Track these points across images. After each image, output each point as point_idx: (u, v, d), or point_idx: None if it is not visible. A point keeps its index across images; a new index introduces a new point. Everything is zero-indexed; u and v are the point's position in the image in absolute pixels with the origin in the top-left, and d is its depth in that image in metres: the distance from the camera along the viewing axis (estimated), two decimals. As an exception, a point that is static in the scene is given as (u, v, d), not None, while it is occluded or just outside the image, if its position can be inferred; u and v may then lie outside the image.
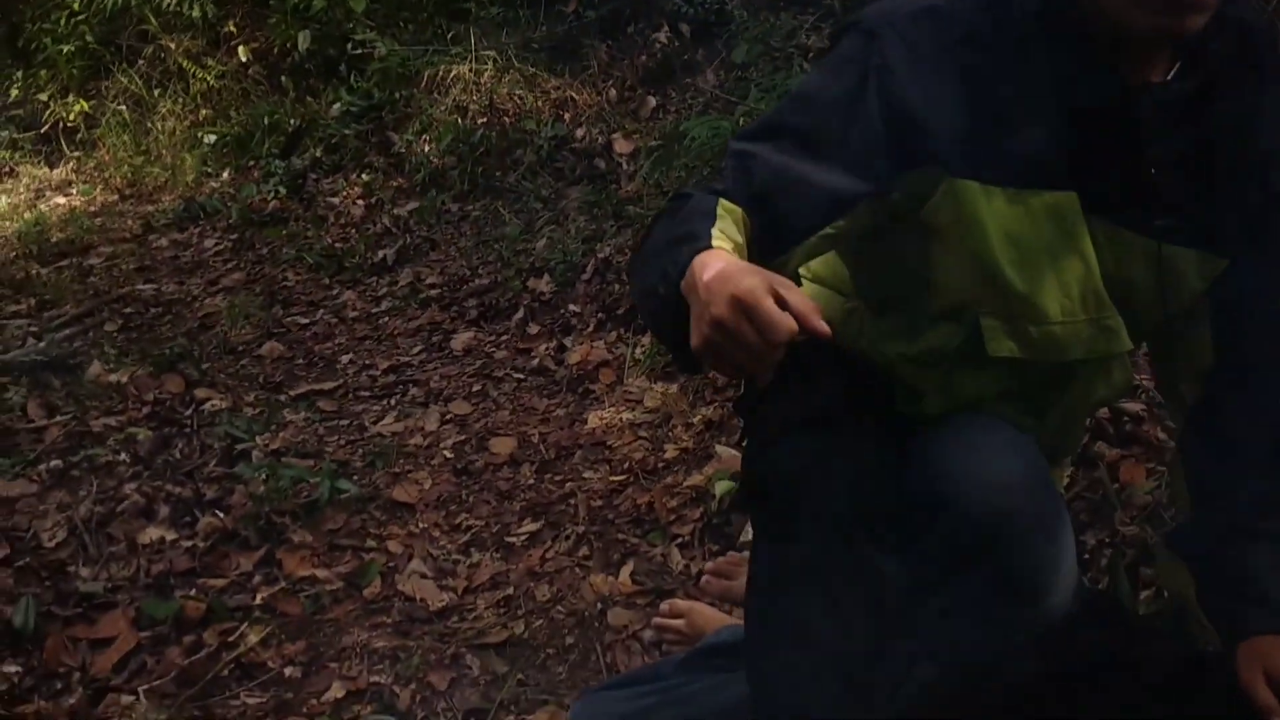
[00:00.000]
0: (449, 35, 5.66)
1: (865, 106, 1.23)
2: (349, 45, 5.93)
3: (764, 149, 1.27)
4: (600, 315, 3.73)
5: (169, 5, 6.78)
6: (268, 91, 6.43)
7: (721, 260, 1.07)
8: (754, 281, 1.01)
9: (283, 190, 5.39)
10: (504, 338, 3.84)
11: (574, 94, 5.35)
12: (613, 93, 5.34)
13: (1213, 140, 1.25)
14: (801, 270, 1.59)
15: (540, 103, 5.30)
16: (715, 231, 1.16)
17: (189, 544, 2.68)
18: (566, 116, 5.15)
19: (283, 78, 6.43)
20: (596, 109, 5.17)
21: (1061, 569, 1.33)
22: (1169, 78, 1.23)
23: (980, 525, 1.24)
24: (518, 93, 5.37)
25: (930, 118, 1.23)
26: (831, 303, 1.52)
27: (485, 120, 5.20)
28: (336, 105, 5.76)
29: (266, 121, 5.97)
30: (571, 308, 3.81)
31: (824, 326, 1.01)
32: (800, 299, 1.02)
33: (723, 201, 1.23)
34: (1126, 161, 1.24)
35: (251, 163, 5.89)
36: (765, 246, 1.24)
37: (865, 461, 1.24)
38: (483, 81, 5.45)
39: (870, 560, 1.21)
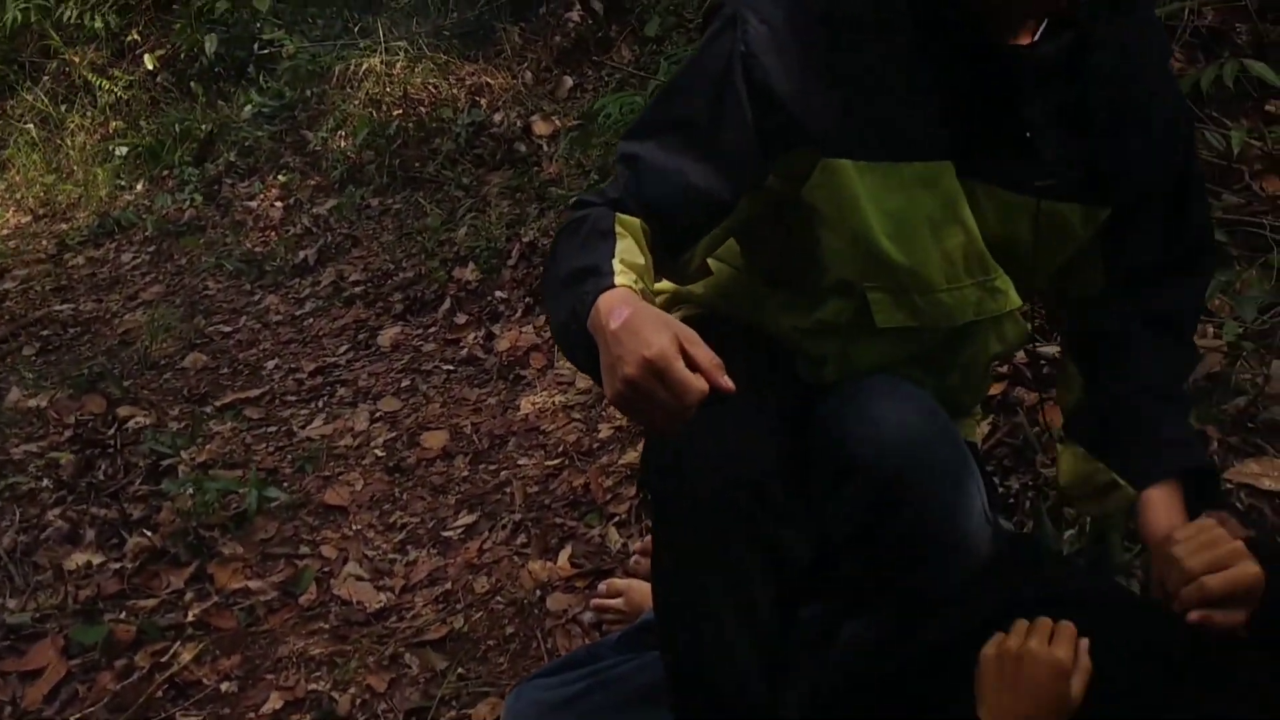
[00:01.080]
0: (357, 28, 5.56)
1: (734, 95, 1.21)
2: (256, 45, 5.82)
3: (649, 149, 1.26)
4: (527, 300, 3.69)
5: (70, 19, 6.63)
6: (178, 98, 6.30)
7: (627, 306, 1.07)
8: (663, 341, 1.02)
9: (198, 198, 5.29)
10: (431, 330, 3.79)
11: (489, 79, 5.29)
12: (529, 75, 5.29)
13: (1087, 94, 1.24)
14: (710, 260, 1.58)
15: (456, 90, 5.23)
16: (617, 264, 1.16)
17: (117, 566, 2.62)
18: (483, 102, 5.08)
19: (192, 83, 6.31)
20: (513, 93, 5.12)
21: (972, 517, 1.33)
22: (1037, 37, 1.22)
23: (882, 483, 1.23)
24: (432, 81, 5.29)
25: (798, 99, 1.21)
26: (732, 278, 1.51)
27: (400, 112, 5.13)
28: (248, 107, 5.66)
29: (178, 129, 5.85)
30: (498, 294, 3.77)
31: (729, 384, 1.04)
32: (707, 356, 1.03)
33: (620, 217, 1.23)
34: (1002, 124, 1.23)
35: (165, 172, 5.78)
36: (668, 246, 1.27)
37: (762, 433, 1.22)
38: (395, 73, 5.37)
39: (769, 530, 1.20)
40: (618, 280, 1.13)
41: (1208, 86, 2.50)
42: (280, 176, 5.21)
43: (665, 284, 1.61)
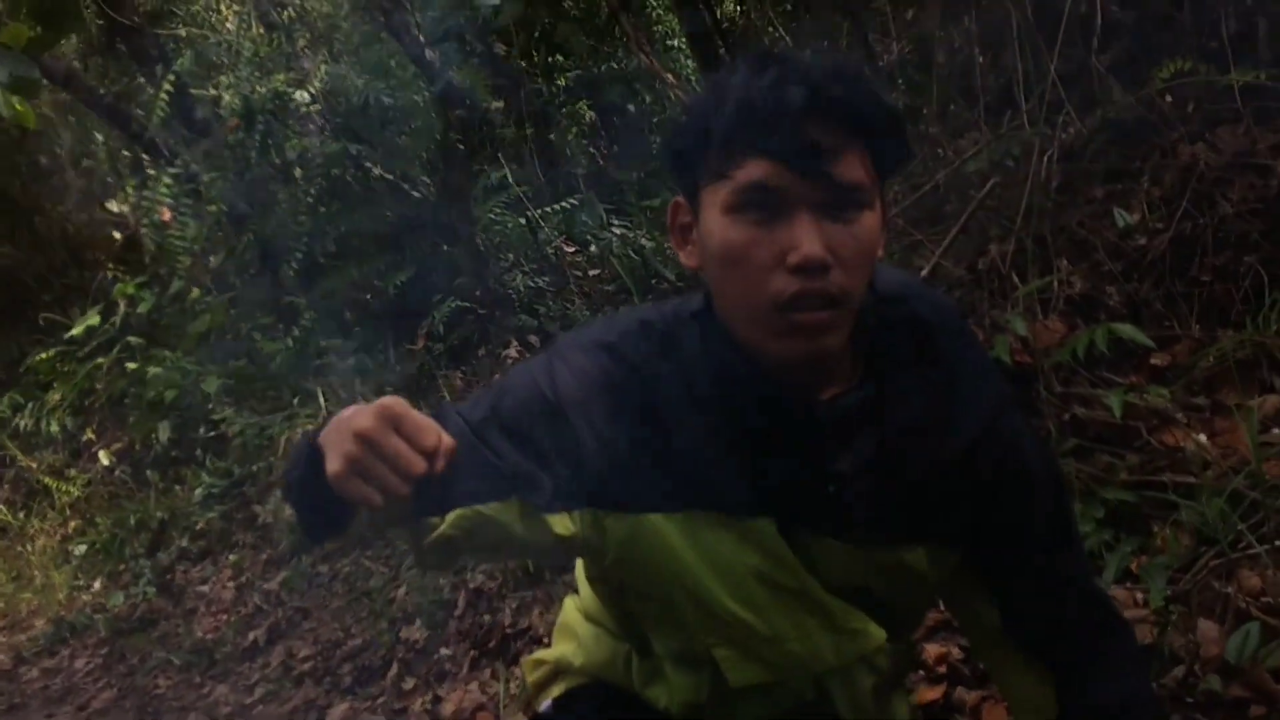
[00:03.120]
0: (295, 399, 5.69)
1: (533, 444, 1.19)
2: (202, 429, 5.93)
3: (458, 420, 1.20)
4: (474, 653, 3.57)
5: (26, 426, 6.78)
6: (134, 490, 6.36)
7: (361, 404, 1.06)
8: (395, 398, 1.00)
9: (151, 590, 5.23)
10: (380, 700, 3.65)
11: (431, 427, 5.37)
12: (470, 418, 5.37)
13: (897, 444, 1.20)
14: (579, 608, 1.52)
15: (400, 442, 5.29)
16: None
17: None
18: (427, 451, 5.13)
19: (148, 471, 6.38)
20: (455, 437, 5.18)
21: None
22: (848, 389, 1.20)
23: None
24: (376, 438, 5.37)
25: (607, 457, 1.18)
26: (609, 645, 1.45)
27: (347, 473, 5.17)
28: (199, 490, 5.69)
29: (133, 521, 5.87)
30: (444, 651, 3.65)
31: (450, 440, 1.01)
32: (429, 421, 1.01)
33: None
34: (810, 478, 1.20)
35: (121, 567, 5.73)
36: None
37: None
38: (340, 435, 5.46)
39: None
40: None
41: (1084, 352, 2.54)
42: (232, 556, 5.18)
43: (545, 654, 1.54)
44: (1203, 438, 2.40)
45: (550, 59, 6.74)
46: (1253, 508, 2.15)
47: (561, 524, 1.18)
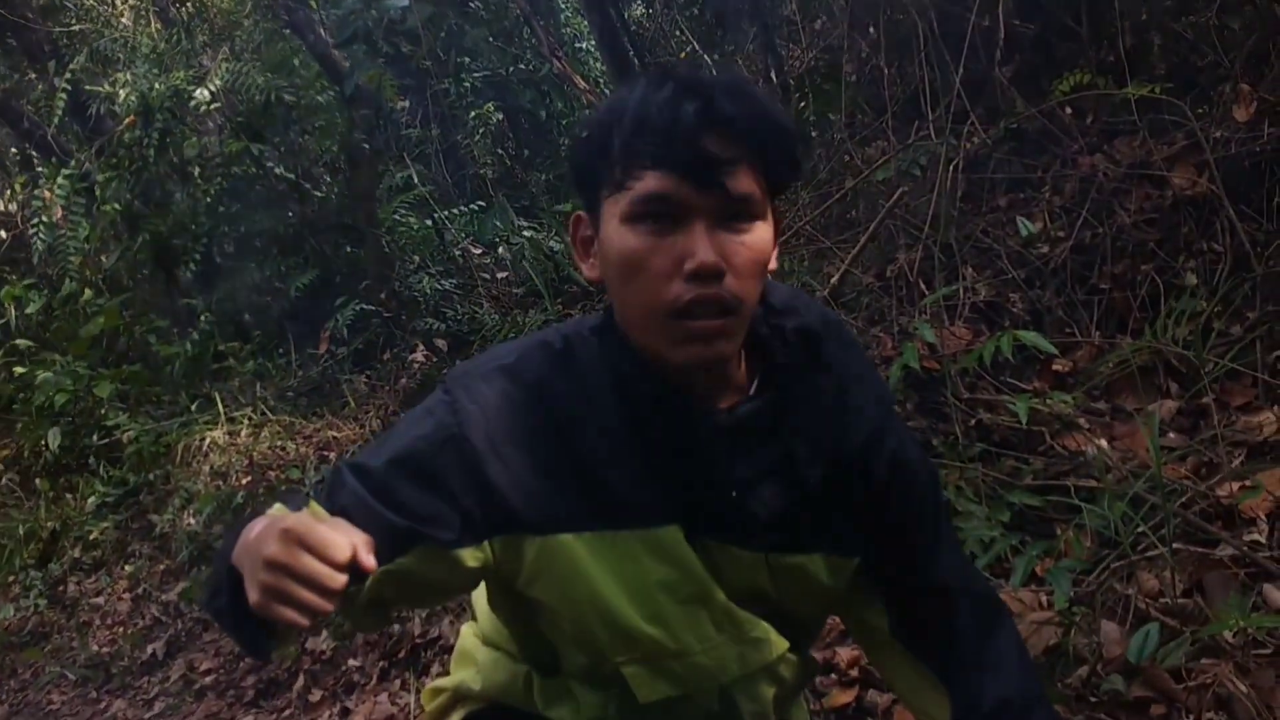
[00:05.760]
0: (194, 404, 5.55)
1: (437, 478, 1.18)
2: (96, 435, 5.75)
3: (353, 483, 1.20)
4: (383, 664, 3.51)
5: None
6: (22, 498, 6.13)
7: (265, 518, 1.04)
8: (299, 516, 0.98)
9: (42, 603, 5.04)
10: (286, 713, 3.57)
11: (335, 432, 5.28)
12: (375, 422, 5.30)
13: (794, 450, 1.23)
14: (475, 633, 1.51)
15: (304, 448, 5.20)
16: (278, 507, 1.14)
17: None
18: (332, 456, 5.05)
19: (37, 480, 6.16)
20: (361, 441, 5.10)
21: None
22: (745, 397, 1.22)
23: None
24: (279, 444, 5.26)
25: (510, 482, 1.18)
26: (508, 668, 1.44)
27: (249, 479, 5.05)
28: (92, 499, 5.52)
29: (21, 531, 5.64)
30: (352, 662, 3.59)
31: (370, 560, 0.99)
32: (351, 530, 1.00)
33: (313, 501, 1.17)
34: (715, 485, 1.21)
35: (10, 579, 5.52)
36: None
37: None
38: (240, 441, 5.33)
39: None
40: (268, 513, 1.10)
41: (990, 358, 2.59)
42: (127, 567, 5.02)
43: (444, 682, 1.53)
44: (1104, 442, 2.47)
45: (458, 60, 6.68)
46: (1152, 510, 2.21)
47: (473, 556, 1.19)
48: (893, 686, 1.45)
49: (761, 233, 1.12)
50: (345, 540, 0.97)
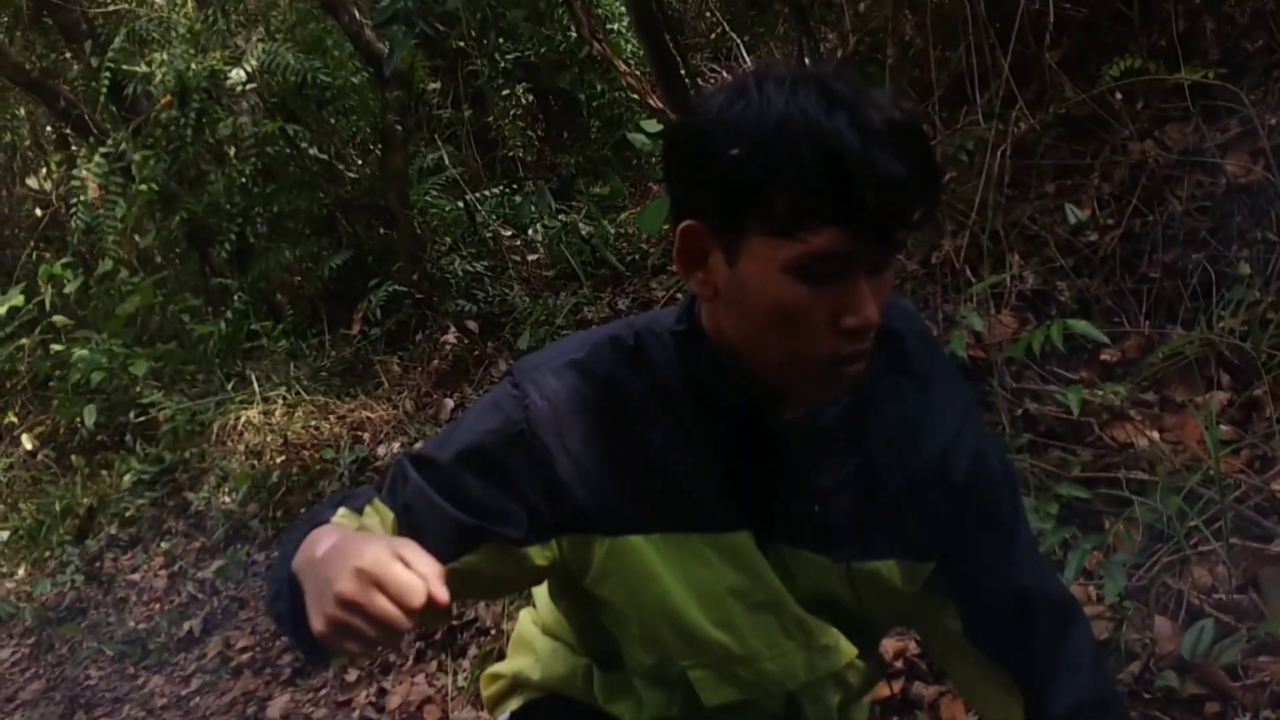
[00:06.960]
0: (229, 383, 5.57)
1: (503, 471, 1.16)
2: (133, 413, 5.78)
3: (416, 478, 1.19)
4: (419, 644, 3.53)
5: (-57, 412, 6.57)
6: (58, 474, 6.18)
7: (335, 533, 1.01)
8: (376, 548, 0.94)
9: (79, 578, 5.09)
10: (322, 692, 3.59)
11: (369, 413, 5.29)
12: (409, 403, 5.30)
13: (874, 457, 1.19)
14: (535, 621, 1.50)
15: (337, 428, 5.21)
16: (342, 512, 1.13)
17: None
18: (366, 437, 5.06)
19: (73, 456, 6.22)
20: (394, 423, 5.11)
21: None
22: (825, 402, 1.17)
23: None
24: (312, 424, 5.27)
25: (580, 479, 1.16)
26: (568, 660, 1.42)
27: (283, 459, 5.07)
28: (128, 476, 5.55)
29: (58, 508, 5.70)
30: (389, 642, 3.60)
31: (444, 594, 0.94)
32: (424, 560, 0.95)
33: (376, 500, 1.19)
34: (792, 493, 1.19)
35: (47, 554, 5.57)
36: None
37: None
38: (274, 421, 5.35)
39: None
40: (333, 519, 1.10)
41: (1039, 348, 2.55)
42: (164, 544, 5.05)
43: (501, 668, 1.52)
44: (1155, 434, 2.44)
45: (496, 41, 6.65)
46: (1206, 504, 2.18)
47: (540, 555, 1.17)
48: (963, 689, 1.43)
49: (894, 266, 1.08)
50: (420, 584, 0.93)
